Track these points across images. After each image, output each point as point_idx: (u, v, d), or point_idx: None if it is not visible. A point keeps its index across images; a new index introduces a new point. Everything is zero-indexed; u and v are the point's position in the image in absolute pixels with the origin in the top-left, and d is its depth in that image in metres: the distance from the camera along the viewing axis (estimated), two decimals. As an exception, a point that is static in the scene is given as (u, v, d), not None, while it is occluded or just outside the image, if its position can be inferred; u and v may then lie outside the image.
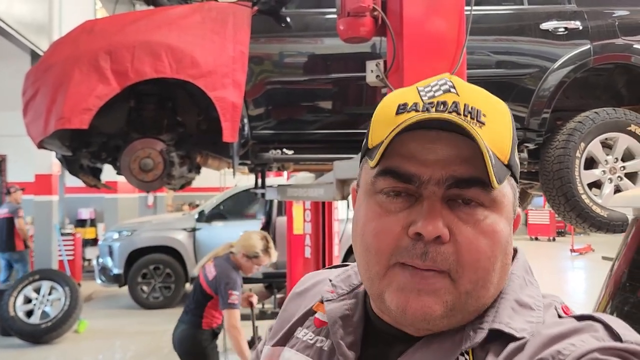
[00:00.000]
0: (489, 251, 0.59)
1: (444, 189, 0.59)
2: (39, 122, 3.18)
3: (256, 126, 3.38)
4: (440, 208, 0.59)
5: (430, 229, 0.58)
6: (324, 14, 3.47)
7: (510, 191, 0.64)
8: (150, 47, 3.09)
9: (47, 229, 7.49)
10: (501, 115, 0.64)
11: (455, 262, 0.59)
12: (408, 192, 0.61)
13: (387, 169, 0.61)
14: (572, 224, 3.38)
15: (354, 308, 0.70)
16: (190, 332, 3.44)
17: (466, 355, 0.60)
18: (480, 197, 0.60)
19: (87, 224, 12.74)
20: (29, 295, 6.51)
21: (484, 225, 0.60)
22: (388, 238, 0.60)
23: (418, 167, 0.60)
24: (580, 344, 0.54)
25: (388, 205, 0.62)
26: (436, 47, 2.42)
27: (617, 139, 3.29)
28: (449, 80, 0.65)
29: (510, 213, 0.64)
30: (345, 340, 0.67)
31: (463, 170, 0.59)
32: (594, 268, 11.25)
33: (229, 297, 3.28)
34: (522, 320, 0.61)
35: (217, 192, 11.87)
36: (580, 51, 3.36)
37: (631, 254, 1.31)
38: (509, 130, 0.64)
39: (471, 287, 0.59)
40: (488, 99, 0.65)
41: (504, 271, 0.63)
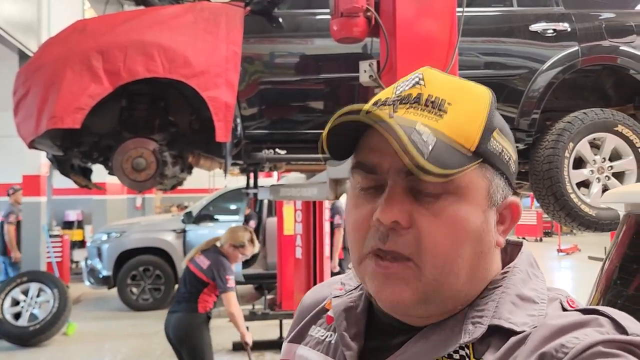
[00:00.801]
0: (449, 237, 0.61)
1: (404, 177, 0.61)
2: (30, 121, 3.16)
3: (249, 126, 3.38)
4: (403, 196, 0.61)
5: (387, 215, 0.60)
6: (316, 15, 3.49)
7: (482, 178, 0.63)
8: (142, 47, 3.09)
9: (35, 231, 7.42)
10: (473, 104, 0.64)
11: (417, 248, 0.61)
12: (378, 184, 0.64)
13: (357, 162, 0.65)
14: (561, 223, 3.43)
15: (358, 300, 0.72)
16: (187, 318, 3.72)
17: (466, 349, 0.60)
18: (438, 185, 0.60)
19: (75, 226, 12.62)
20: (17, 297, 6.44)
21: (445, 213, 0.61)
22: (360, 229, 0.64)
23: (380, 157, 0.63)
24: (584, 337, 0.54)
25: (360, 199, 0.65)
26: (429, 47, 2.45)
27: (605, 139, 3.35)
28: (421, 73, 0.66)
29: (481, 201, 0.63)
30: (349, 332, 0.69)
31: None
32: (580, 268, 11.38)
33: (227, 281, 3.65)
34: (524, 314, 0.61)
35: (206, 194, 11.84)
36: (568, 53, 3.41)
37: (623, 249, 1.34)
38: (478, 118, 0.63)
39: (437, 273, 0.61)
40: (458, 88, 0.65)
41: (479, 260, 0.63)
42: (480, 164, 0.62)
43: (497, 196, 0.65)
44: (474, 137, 0.62)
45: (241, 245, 3.83)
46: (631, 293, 1.27)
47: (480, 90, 0.67)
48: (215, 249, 3.83)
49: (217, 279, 3.66)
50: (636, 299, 1.25)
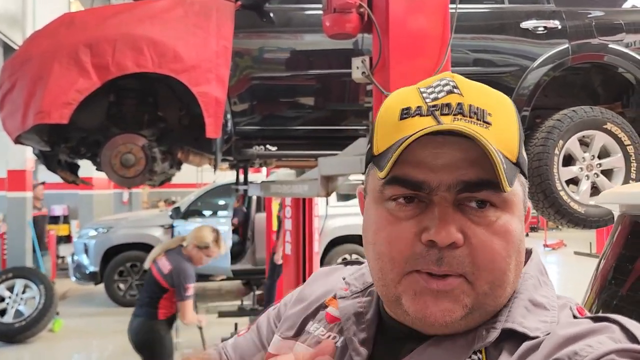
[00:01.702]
0: (503, 251, 0.60)
1: (454, 194, 0.59)
2: (17, 116, 3.10)
3: (239, 122, 3.36)
4: (452, 213, 0.59)
5: (443, 236, 0.57)
6: (307, 10, 3.47)
7: (520, 189, 0.64)
8: (132, 41, 3.04)
9: (21, 226, 7.32)
10: (507, 112, 0.64)
11: (471, 265, 0.59)
12: (418, 199, 0.61)
13: (396, 177, 0.61)
14: (550, 219, 3.45)
15: (368, 306, 0.70)
16: (148, 324, 3.63)
17: (479, 354, 0.60)
18: (492, 198, 0.60)
19: (61, 221, 12.50)
20: (2, 293, 6.35)
21: (497, 226, 0.60)
22: (401, 246, 0.60)
23: (427, 173, 0.60)
24: (597, 346, 0.54)
25: (398, 213, 0.61)
26: (421, 44, 2.44)
27: (594, 137, 3.37)
28: (452, 80, 0.64)
29: (521, 211, 0.64)
30: (358, 337, 0.67)
31: (472, 174, 0.59)
32: (566, 263, 11.50)
33: (187, 290, 3.53)
34: (536, 319, 0.61)
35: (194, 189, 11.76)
36: (558, 50, 3.43)
37: (618, 249, 1.35)
38: (515, 126, 0.63)
39: (488, 288, 0.60)
40: (492, 96, 0.65)
41: (518, 269, 0.63)
42: (520, 173, 0.63)
43: (525, 202, 0.65)
44: (516, 148, 0.62)
45: (205, 247, 3.67)
46: (626, 293, 1.28)
47: (505, 98, 0.66)
48: (180, 250, 3.70)
49: (177, 287, 3.54)
50: (631, 299, 1.25)
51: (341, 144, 3.13)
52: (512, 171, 0.60)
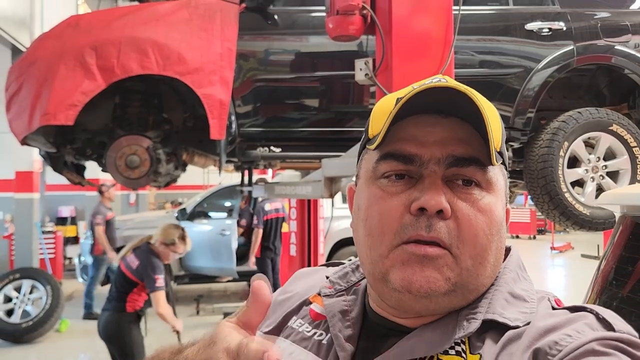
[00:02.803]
0: (486, 228, 0.62)
1: (443, 168, 0.62)
2: (23, 117, 3.13)
3: (244, 123, 3.37)
4: (441, 186, 0.62)
5: (433, 203, 0.60)
6: (311, 12, 3.48)
7: (502, 179, 0.67)
8: (136, 43, 3.06)
9: (28, 227, 7.37)
10: (492, 109, 0.68)
11: (456, 238, 0.61)
12: (409, 174, 0.64)
13: (389, 152, 0.64)
14: (555, 222, 3.43)
15: (353, 304, 0.72)
16: (116, 317, 3.72)
17: (462, 344, 0.61)
18: (477, 175, 0.63)
19: (68, 222, 12.55)
20: (10, 294, 6.40)
21: (481, 204, 0.63)
22: (391, 218, 0.62)
23: (419, 147, 0.63)
24: (576, 335, 0.55)
25: (390, 188, 0.64)
26: (425, 45, 2.44)
27: (600, 139, 3.35)
28: (442, 77, 0.68)
29: (503, 197, 0.67)
30: (344, 333, 0.68)
31: (461, 150, 0.63)
32: (573, 266, 11.43)
33: (156, 281, 3.60)
34: (516, 310, 0.62)
35: (201, 190, 11.80)
36: (563, 52, 3.41)
37: (619, 251, 1.34)
38: (499, 121, 0.67)
39: (471, 263, 0.62)
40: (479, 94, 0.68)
41: (498, 254, 0.65)
42: (501, 164, 0.67)
43: (507, 195, 0.69)
44: (499, 138, 0.66)
45: (172, 243, 3.75)
46: (626, 295, 1.27)
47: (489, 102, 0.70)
48: (147, 246, 3.78)
49: (146, 279, 3.62)
50: (631, 301, 1.25)
51: (345, 146, 3.13)
52: (496, 154, 0.63)
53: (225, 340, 0.52)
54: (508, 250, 0.72)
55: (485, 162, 0.63)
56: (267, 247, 7.25)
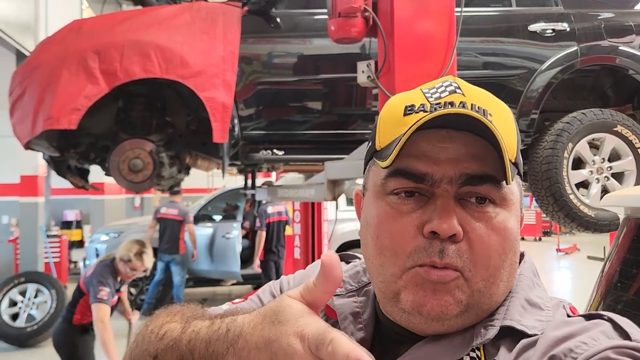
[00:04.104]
0: (499, 248, 0.60)
1: (456, 187, 0.60)
2: (27, 122, 3.14)
3: (246, 127, 3.37)
4: (454, 206, 0.60)
5: (445, 227, 0.58)
6: (313, 15, 3.48)
7: (518, 189, 0.65)
8: (139, 47, 3.07)
9: (33, 231, 7.39)
10: (506, 115, 0.65)
11: (469, 260, 0.59)
12: (420, 192, 0.61)
13: (399, 169, 0.61)
14: (560, 223, 3.42)
15: (364, 306, 0.70)
16: (62, 326, 3.70)
17: (477, 351, 0.60)
18: (492, 193, 0.60)
19: (73, 226, 12.59)
20: (15, 298, 6.41)
21: (495, 223, 0.60)
22: (404, 239, 0.60)
23: (430, 165, 0.60)
24: (592, 342, 0.54)
25: (400, 206, 0.62)
26: (427, 48, 2.43)
27: (604, 140, 3.33)
28: (454, 82, 0.65)
29: (518, 211, 0.65)
30: (356, 337, 0.67)
31: (475, 167, 0.60)
32: (579, 267, 11.37)
33: (99, 292, 3.48)
34: (533, 318, 0.61)
35: (205, 194, 11.81)
36: (567, 53, 3.40)
37: (623, 253, 1.33)
38: (513, 129, 0.65)
39: (483, 285, 0.60)
40: (492, 99, 0.66)
41: (512, 269, 0.63)
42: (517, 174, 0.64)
43: (522, 205, 0.67)
44: (514, 148, 0.63)
45: (128, 260, 3.63)
46: (631, 297, 1.26)
47: (504, 104, 0.67)
48: (110, 261, 3.70)
49: (91, 288, 3.53)
50: (636, 304, 1.23)
51: (348, 148, 3.13)
52: (512, 168, 0.60)
53: (297, 323, 0.47)
54: (522, 256, 0.70)
55: (500, 178, 0.60)
56: (270, 250, 7.26)
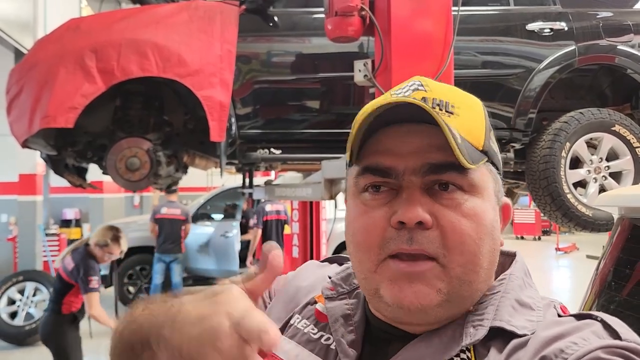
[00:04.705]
0: (473, 233, 0.61)
1: (421, 177, 0.62)
2: (24, 120, 3.14)
3: (244, 125, 3.37)
4: (420, 196, 0.61)
5: (410, 215, 0.59)
6: (311, 14, 3.47)
7: (490, 176, 0.66)
8: (136, 46, 3.06)
9: (31, 230, 7.39)
10: (471, 106, 0.67)
11: (442, 246, 0.60)
12: (389, 187, 0.63)
13: (366, 166, 0.64)
14: (558, 223, 3.42)
15: (355, 308, 0.71)
16: (52, 318, 3.79)
17: (467, 352, 0.60)
18: (457, 180, 0.62)
19: (72, 224, 12.59)
20: (13, 296, 6.41)
21: (465, 208, 0.61)
22: (374, 232, 0.62)
23: (394, 159, 0.63)
24: (582, 343, 0.54)
25: (371, 202, 0.64)
26: (424, 46, 2.42)
27: (602, 139, 3.33)
28: (419, 80, 0.67)
29: (492, 198, 0.65)
30: (347, 339, 0.67)
31: (436, 157, 0.61)
32: (578, 267, 11.37)
33: (89, 282, 3.66)
34: (523, 319, 0.61)
35: (204, 192, 11.81)
36: (565, 52, 3.40)
37: (617, 253, 1.32)
38: (480, 118, 0.66)
39: (461, 271, 0.60)
40: (457, 93, 0.68)
41: (492, 257, 0.64)
42: (487, 162, 0.65)
43: (500, 195, 0.67)
44: (481, 135, 0.65)
45: (105, 245, 3.78)
46: (624, 297, 1.25)
47: (474, 98, 0.69)
48: (84, 248, 3.82)
49: (80, 281, 3.67)
50: (629, 304, 1.23)
51: (345, 147, 3.12)
52: (475, 154, 0.62)
53: (230, 305, 0.50)
54: (513, 256, 0.71)
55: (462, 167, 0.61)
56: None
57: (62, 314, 3.77)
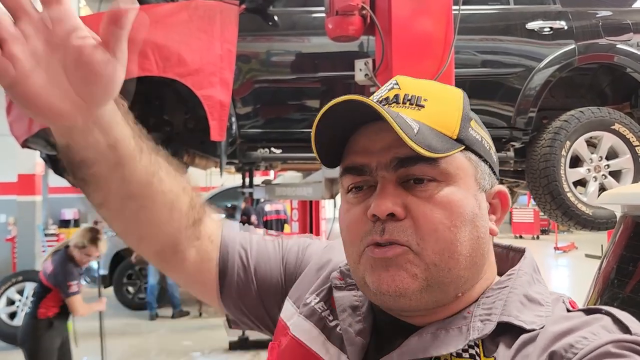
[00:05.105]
0: (446, 220, 0.62)
1: (393, 171, 0.64)
2: (23, 120, 3.13)
3: (244, 125, 3.36)
4: (393, 189, 0.63)
5: (381, 208, 0.62)
6: (311, 13, 3.47)
7: (468, 163, 0.66)
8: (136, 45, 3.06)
9: (30, 230, 7.39)
10: (444, 97, 0.68)
11: (414, 235, 0.62)
12: (368, 184, 0.66)
13: (346, 167, 0.68)
14: (558, 221, 3.42)
15: (364, 300, 0.72)
16: (28, 321, 3.80)
17: (476, 348, 0.60)
18: (428, 171, 0.63)
19: (71, 225, 12.58)
20: (12, 297, 6.41)
21: (438, 198, 0.63)
22: (356, 227, 0.65)
23: (367, 157, 0.65)
24: (592, 337, 0.54)
25: (353, 200, 0.67)
26: (425, 46, 2.43)
27: (602, 138, 3.34)
28: (396, 80, 0.70)
29: (471, 185, 0.66)
30: (354, 328, 0.69)
31: (405, 150, 0.62)
32: (577, 266, 11.39)
33: (69, 287, 3.66)
34: (532, 314, 0.61)
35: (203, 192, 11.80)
36: (565, 51, 3.40)
37: (620, 251, 1.33)
38: (454, 108, 0.67)
39: (437, 258, 0.62)
40: (432, 87, 0.70)
41: (477, 244, 0.64)
42: (464, 150, 0.66)
43: (484, 182, 0.67)
44: (454, 125, 0.66)
45: (83, 246, 3.75)
46: (627, 294, 1.26)
47: (451, 87, 0.72)
48: (64, 251, 3.79)
49: (60, 285, 3.66)
50: (632, 301, 1.23)
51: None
52: (446, 144, 0.63)
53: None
54: (522, 252, 0.72)
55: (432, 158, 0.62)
56: None
57: (38, 318, 3.75)
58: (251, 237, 0.89)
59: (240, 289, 0.84)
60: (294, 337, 0.74)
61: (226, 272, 0.84)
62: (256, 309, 0.85)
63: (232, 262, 0.84)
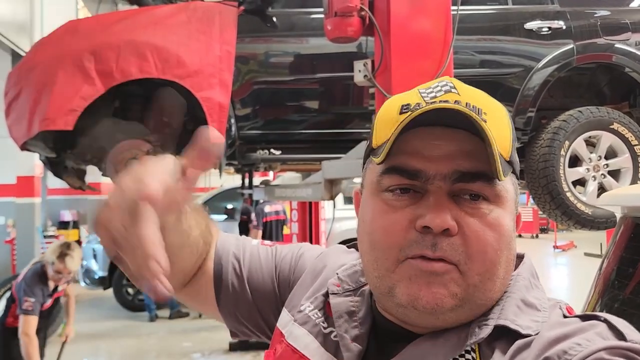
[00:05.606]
0: (495, 243, 0.60)
1: (449, 184, 0.61)
2: (22, 123, 3.12)
3: (243, 126, 3.36)
4: (448, 202, 0.60)
5: (438, 222, 0.58)
6: (310, 14, 3.47)
7: (512, 187, 0.65)
8: (135, 47, 3.06)
9: (29, 232, 7.38)
10: (500, 115, 0.65)
11: (464, 254, 0.59)
12: (414, 189, 0.62)
13: (393, 166, 0.62)
14: (557, 221, 3.42)
15: (360, 305, 0.71)
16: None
17: (473, 353, 0.60)
18: (485, 190, 0.61)
19: (70, 226, 12.55)
20: (12, 299, 6.40)
21: (490, 219, 0.61)
22: (396, 233, 0.61)
23: (424, 162, 0.61)
24: (586, 343, 0.54)
25: (394, 203, 0.63)
26: (423, 46, 2.43)
27: (601, 137, 3.34)
28: (450, 82, 0.66)
29: (513, 209, 0.65)
30: (350, 334, 0.67)
31: (468, 164, 0.60)
32: (576, 264, 11.41)
33: (24, 303, 3.49)
34: (528, 319, 0.61)
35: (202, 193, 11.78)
36: (563, 51, 3.41)
37: (620, 252, 1.33)
38: (508, 128, 0.65)
39: (479, 280, 0.60)
40: (488, 99, 0.66)
41: (508, 266, 0.63)
42: (512, 173, 0.65)
43: (517, 205, 0.67)
44: (509, 147, 0.64)
45: (52, 263, 3.59)
46: (628, 296, 1.26)
47: (500, 104, 0.67)
48: (40, 265, 3.67)
49: (18, 298, 3.55)
50: (632, 303, 1.24)
51: (345, 147, 3.13)
52: (505, 166, 0.61)
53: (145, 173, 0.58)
54: (521, 257, 0.71)
55: (492, 175, 0.60)
56: None
57: (6, 326, 3.71)
58: (244, 248, 0.88)
59: (237, 299, 0.84)
60: (289, 344, 0.72)
61: (221, 284, 0.84)
62: (253, 318, 0.85)
63: (227, 273, 0.84)
